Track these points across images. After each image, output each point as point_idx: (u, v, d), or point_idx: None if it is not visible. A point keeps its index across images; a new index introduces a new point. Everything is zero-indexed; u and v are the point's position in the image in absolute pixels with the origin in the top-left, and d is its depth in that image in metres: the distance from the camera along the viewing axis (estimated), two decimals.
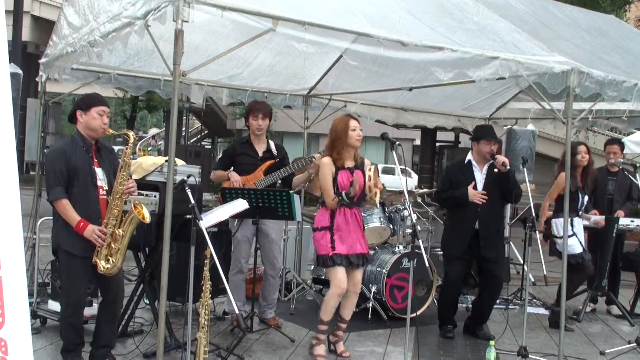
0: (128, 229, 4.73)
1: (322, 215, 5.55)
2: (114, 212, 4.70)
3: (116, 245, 4.69)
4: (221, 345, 5.54)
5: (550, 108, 5.69)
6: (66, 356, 4.88)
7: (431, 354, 6.01)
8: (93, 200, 4.74)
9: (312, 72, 7.94)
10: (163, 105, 31.01)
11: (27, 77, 6.86)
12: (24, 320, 3.40)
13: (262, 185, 6.29)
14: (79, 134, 4.82)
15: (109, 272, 4.70)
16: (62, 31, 5.96)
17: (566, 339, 6.03)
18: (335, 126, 5.52)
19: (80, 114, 4.79)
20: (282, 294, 7.65)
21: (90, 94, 5.05)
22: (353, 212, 5.53)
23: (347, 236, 5.47)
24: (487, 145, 6.30)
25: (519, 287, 8.49)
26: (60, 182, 4.63)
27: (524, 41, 5.52)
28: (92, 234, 4.60)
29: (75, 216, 4.61)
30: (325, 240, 5.46)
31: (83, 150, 4.76)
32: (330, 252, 5.42)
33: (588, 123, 9.14)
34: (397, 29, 4.94)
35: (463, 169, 6.44)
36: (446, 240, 6.69)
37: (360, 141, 5.53)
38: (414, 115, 9.13)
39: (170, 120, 4.38)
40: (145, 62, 6.85)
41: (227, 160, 6.53)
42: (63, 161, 4.65)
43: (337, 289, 5.48)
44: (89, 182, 4.73)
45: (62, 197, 4.62)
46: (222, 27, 5.61)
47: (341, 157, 5.47)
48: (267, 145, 6.50)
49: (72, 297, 4.76)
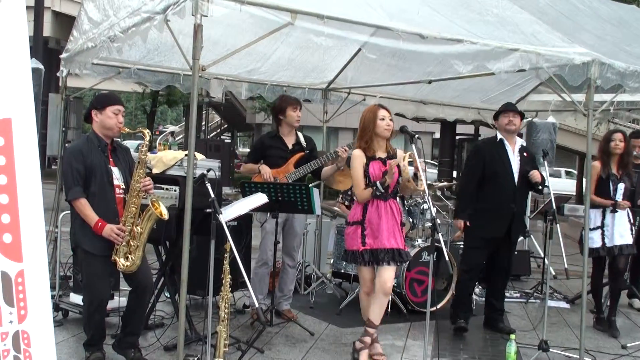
0: (146, 226, 4.76)
1: (355, 209, 5.41)
2: (131, 209, 4.73)
3: (135, 242, 4.73)
4: (241, 339, 5.57)
5: (571, 100, 5.64)
6: (88, 349, 4.92)
7: (451, 347, 6.00)
8: (110, 199, 4.78)
9: (331, 66, 7.93)
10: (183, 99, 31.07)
11: (48, 72, 6.90)
12: (46, 313, 3.43)
13: (293, 178, 6.32)
14: (94, 134, 4.85)
15: (129, 269, 4.74)
16: (82, 26, 6.00)
17: (587, 332, 5.99)
18: (364, 116, 5.40)
19: (95, 113, 4.81)
20: (301, 287, 7.68)
21: (105, 93, 5.08)
22: (388, 204, 5.31)
23: (379, 230, 5.26)
24: (504, 117, 6.29)
25: (539, 281, 8.44)
26: (78, 181, 4.66)
27: (544, 32, 5.48)
28: (111, 233, 4.64)
29: (94, 216, 4.65)
30: (356, 235, 5.31)
31: (98, 150, 4.79)
32: (361, 247, 5.26)
33: (609, 115, 9.04)
34: (416, 22, 4.93)
35: (497, 148, 6.31)
36: (482, 223, 6.27)
37: (390, 131, 5.35)
38: (433, 108, 9.09)
39: (190, 114, 4.39)
40: (165, 57, 6.88)
41: (258, 154, 6.55)
42: (80, 161, 4.69)
43: (363, 288, 5.47)
44: (105, 181, 4.76)
45: (81, 197, 4.66)
46: (241, 21, 5.62)
47: (371, 147, 5.34)
48: (296, 138, 6.52)
49: (94, 294, 4.79)
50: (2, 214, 3.23)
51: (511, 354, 5.32)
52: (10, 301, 3.25)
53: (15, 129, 3.29)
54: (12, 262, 3.26)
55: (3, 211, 3.24)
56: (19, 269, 3.28)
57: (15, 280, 3.26)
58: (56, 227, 6.71)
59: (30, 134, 3.38)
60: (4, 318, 3.23)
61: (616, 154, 6.71)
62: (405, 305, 6.92)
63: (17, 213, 3.29)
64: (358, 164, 5.32)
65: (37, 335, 3.35)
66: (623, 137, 6.73)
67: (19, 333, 3.28)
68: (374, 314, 5.34)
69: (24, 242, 3.30)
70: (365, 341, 5.36)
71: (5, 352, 3.23)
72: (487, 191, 6.33)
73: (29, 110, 3.38)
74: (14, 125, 3.29)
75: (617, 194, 6.69)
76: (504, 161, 6.23)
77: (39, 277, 3.37)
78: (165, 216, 4.77)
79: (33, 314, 3.33)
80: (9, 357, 3.24)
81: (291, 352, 5.59)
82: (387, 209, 5.31)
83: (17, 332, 3.27)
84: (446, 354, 5.79)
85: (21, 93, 3.35)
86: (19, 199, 3.29)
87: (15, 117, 3.30)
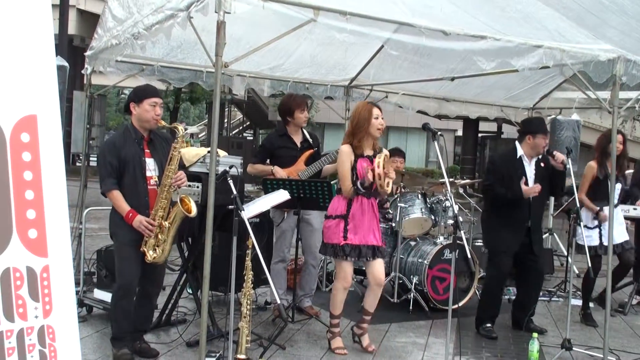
0: (175, 221, 4.82)
1: (338, 202, 5.43)
2: (161, 204, 4.79)
3: (163, 236, 4.79)
4: (263, 335, 5.59)
5: (596, 97, 5.59)
6: (116, 344, 4.96)
7: (473, 345, 5.97)
8: (142, 191, 4.85)
9: (353, 63, 7.93)
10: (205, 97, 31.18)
11: (73, 69, 6.97)
12: (71, 308, 3.46)
13: (306, 175, 6.32)
14: (132, 126, 4.94)
15: (157, 260, 4.83)
16: (106, 24, 6.05)
17: (611, 331, 5.93)
18: (358, 113, 5.40)
19: (133, 106, 4.89)
20: (323, 284, 7.68)
21: (143, 85, 5.12)
22: (370, 201, 5.40)
23: (361, 226, 5.34)
24: (544, 139, 6.11)
25: (562, 280, 8.38)
26: (110, 174, 4.77)
27: (569, 29, 5.43)
28: (140, 225, 4.73)
29: (125, 206, 4.76)
30: (338, 229, 5.34)
31: (134, 142, 4.87)
32: (342, 241, 5.31)
33: (635, 112, 8.96)
34: (439, 18, 4.91)
35: (515, 165, 6.16)
36: (498, 239, 6.28)
37: (382, 131, 5.41)
38: (456, 105, 9.05)
39: (213, 111, 4.41)
40: (188, 54, 6.92)
41: (267, 153, 6.53)
42: (114, 154, 4.79)
43: (342, 282, 5.47)
44: (137, 174, 4.84)
45: (113, 189, 4.77)
46: (264, 18, 5.62)
47: (361, 145, 5.36)
48: (303, 136, 6.53)
49: (124, 278, 4.86)
50: (28, 209, 3.26)
51: (534, 352, 5.29)
52: (36, 296, 3.28)
53: (41, 126, 3.32)
54: (37, 258, 3.29)
55: (28, 207, 3.27)
56: (44, 264, 3.31)
57: (41, 276, 3.29)
58: (80, 223, 6.77)
59: (56, 130, 3.40)
60: (30, 313, 3.26)
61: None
62: (427, 303, 6.90)
63: (42, 209, 3.31)
64: (346, 159, 5.37)
65: (62, 330, 3.38)
66: (623, 139, 6.71)
67: (44, 328, 3.31)
68: (370, 304, 5.55)
69: (49, 237, 3.33)
70: (364, 327, 5.65)
71: (31, 347, 3.26)
72: (500, 207, 6.27)
73: (55, 107, 3.41)
74: (39, 121, 3.32)
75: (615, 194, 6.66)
76: (520, 178, 6.09)
77: (63, 273, 3.40)
78: (193, 213, 4.82)
79: (58, 309, 3.36)
80: (34, 351, 3.27)
81: (312, 348, 5.60)
82: (369, 206, 5.40)
83: (43, 326, 3.30)
84: (468, 352, 5.77)
85: (47, 90, 3.38)
86: (44, 195, 3.32)
87: (41, 114, 3.33)
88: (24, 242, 3.25)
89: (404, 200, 7.21)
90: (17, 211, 3.23)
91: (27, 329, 3.25)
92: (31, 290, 3.27)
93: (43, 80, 3.37)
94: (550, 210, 9.60)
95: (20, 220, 3.24)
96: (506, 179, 6.15)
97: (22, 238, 3.24)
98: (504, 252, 6.21)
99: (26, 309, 3.25)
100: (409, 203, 7.21)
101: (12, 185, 3.22)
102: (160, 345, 5.35)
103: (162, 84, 28.99)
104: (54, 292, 3.34)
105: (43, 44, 3.39)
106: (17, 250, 3.22)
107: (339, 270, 5.48)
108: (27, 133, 3.28)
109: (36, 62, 3.34)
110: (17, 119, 3.25)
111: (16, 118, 3.25)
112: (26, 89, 3.30)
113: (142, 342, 5.14)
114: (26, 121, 3.28)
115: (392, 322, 6.43)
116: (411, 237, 7.36)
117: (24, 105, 3.28)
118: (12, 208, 3.21)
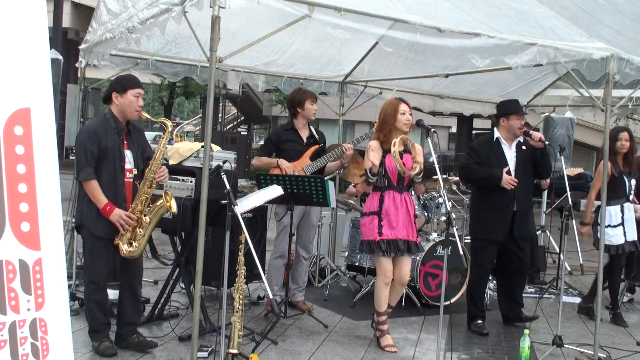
0: (155, 216, 4.79)
1: (371, 199, 5.49)
2: (142, 198, 4.75)
3: (141, 231, 4.76)
4: (255, 330, 5.59)
5: (589, 95, 5.61)
6: (94, 337, 4.92)
7: (464, 342, 6.00)
8: (120, 183, 4.79)
9: (347, 59, 7.93)
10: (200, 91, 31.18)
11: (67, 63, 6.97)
12: (63, 301, 3.47)
13: (310, 170, 6.33)
14: (111, 115, 4.85)
15: (131, 255, 4.78)
16: (101, 17, 6.04)
17: (602, 329, 5.96)
18: (384, 109, 5.46)
19: (116, 96, 4.82)
20: (315, 280, 7.69)
21: (126, 75, 5.08)
22: (403, 197, 5.42)
23: (395, 221, 5.37)
24: (518, 120, 6.09)
25: (554, 276, 8.41)
26: (90, 162, 4.68)
27: (563, 27, 5.45)
28: (119, 218, 4.67)
29: (103, 198, 4.67)
30: (372, 225, 5.39)
31: (114, 132, 4.80)
32: (377, 237, 5.35)
33: (628, 111, 9.00)
34: (434, 15, 4.92)
35: (492, 147, 6.19)
36: (484, 225, 6.24)
37: (410, 126, 5.42)
38: (450, 102, 9.07)
39: (207, 106, 4.41)
40: (182, 49, 6.91)
41: (273, 147, 6.53)
42: (95, 142, 4.70)
43: (383, 279, 5.47)
44: (117, 166, 4.78)
45: (92, 178, 4.67)
46: (259, 13, 5.62)
47: (388, 140, 5.36)
48: (310, 131, 6.53)
49: (94, 275, 4.81)
50: (21, 202, 3.26)
51: (525, 348, 5.31)
52: (28, 289, 3.28)
53: (34, 119, 3.32)
54: (30, 251, 3.29)
55: (22, 200, 3.27)
56: (37, 257, 3.31)
57: (33, 269, 3.29)
58: (73, 217, 6.75)
59: (49, 123, 3.41)
60: (22, 306, 3.26)
61: (621, 153, 6.68)
62: (419, 299, 6.92)
63: (35, 202, 3.32)
64: (369, 153, 5.39)
65: (54, 324, 3.38)
66: (629, 135, 6.71)
67: (36, 321, 3.31)
68: (392, 299, 5.60)
69: (41, 230, 3.33)
70: (384, 329, 5.58)
71: (23, 340, 3.26)
72: (483, 192, 6.28)
73: (48, 100, 3.41)
74: (32, 114, 3.32)
75: (631, 190, 6.69)
76: (500, 161, 6.10)
77: (56, 266, 3.40)
78: (174, 210, 4.79)
79: (50, 302, 3.36)
80: (26, 344, 3.28)
81: (305, 344, 5.61)
82: (402, 201, 5.42)
83: (35, 319, 3.31)
84: (459, 348, 5.78)
85: (40, 83, 3.38)
86: (37, 188, 3.32)
87: (34, 107, 3.33)
88: (17, 235, 3.25)
89: None
90: (10, 204, 3.23)
91: (19, 321, 3.25)
92: (23, 283, 3.27)
93: (37, 73, 3.37)
94: (542, 208, 9.63)
95: (13, 213, 3.24)
96: (484, 161, 6.16)
97: (15, 231, 3.25)
98: (488, 240, 6.19)
99: (18, 302, 3.25)
100: None
101: (5, 178, 3.22)
102: (153, 339, 5.33)
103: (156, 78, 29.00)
104: (46, 285, 3.34)
105: (37, 37, 3.38)
106: (9, 243, 3.22)
107: (378, 267, 5.50)
108: (21, 126, 3.28)
109: (30, 55, 3.34)
110: (11, 112, 3.25)
111: (10, 111, 3.25)
112: (20, 81, 3.30)
113: (138, 336, 5.11)
114: (20, 114, 3.28)
115: None
116: None
117: (17, 98, 3.28)
118: (5, 201, 3.21)
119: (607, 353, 5.71)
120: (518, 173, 6.10)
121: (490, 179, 6.07)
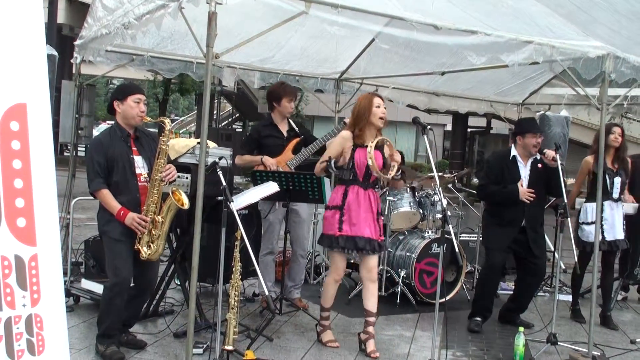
0: (167, 215, 4.80)
1: (335, 193, 5.39)
2: (153, 199, 4.76)
3: (156, 231, 4.76)
4: (250, 326, 5.60)
5: (585, 94, 5.62)
6: (102, 341, 4.86)
7: (459, 339, 6.01)
8: (133, 188, 4.80)
9: (343, 56, 7.92)
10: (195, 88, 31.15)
11: (62, 59, 6.93)
12: (59, 298, 3.46)
13: (295, 164, 6.32)
14: (117, 124, 4.89)
15: (151, 257, 4.79)
16: (96, 13, 6.01)
17: (596, 327, 5.99)
18: (359, 103, 5.37)
19: (117, 104, 4.84)
20: (311, 277, 7.69)
21: (126, 83, 5.11)
22: (367, 193, 5.31)
23: (356, 218, 5.25)
24: (533, 138, 6.09)
25: (549, 274, 8.42)
26: (98, 173, 4.71)
27: (559, 25, 5.45)
28: (133, 222, 4.69)
29: (116, 204, 4.70)
30: (334, 219, 5.28)
31: (121, 140, 4.82)
32: (337, 232, 5.25)
33: (623, 109, 9.01)
34: (430, 12, 4.91)
35: (508, 165, 6.20)
36: (491, 236, 6.36)
37: (384, 121, 5.32)
38: (445, 100, 9.06)
39: (203, 102, 4.41)
40: (178, 45, 6.89)
41: (254, 144, 6.51)
42: (101, 153, 4.74)
43: (334, 275, 5.47)
44: (127, 171, 4.79)
45: (102, 188, 4.71)
46: (255, 9, 5.62)
47: (362, 135, 5.30)
48: (289, 124, 6.53)
49: (119, 276, 4.74)
50: (17, 198, 3.26)
51: (520, 346, 5.33)
52: (24, 285, 3.28)
53: (30, 114, 3.31)
54: (26, 246, 3.29)
55: (17, 195, 3.26)
56: (33, 252, 3.30)
57: (29, 264, 3.29)
58: (68, 213, 6.75)
59: (45, 119, 3.40)
60: (17, 301, 3.26)
61: (613, 147, 6.65)
62: (414, 296, 6.94)
63: (31, 198, 3.31)
64: (337, 141, 5.36)
65: (50, 319, 3.38)
66: (621, 131, 6.70)
67: (32, 317, 3.31)
68: (371, 303, 5.38)
69: (37, 226, 3.32)
70: (370, 332, 5.41)
71: (19, 335, 3.26)
72: (496, 207, 6.35)
73: (44, 95, 3.40)
74: (29, 110, 3.31)
75: (614, 188, 6.65)
76: (514, 179, 6.12)
77: (52, 262, 3.39)
78: (185, 205, 4.79)
79: (46, 298, 3.36)
80: (22, 340, 3.27)
81: (300, 340, 5.62)
82: (366, 198, 5.30)
83: (30, 315, 3.30)
84: (454, 345, 5.80)
85: (36, 78, 3.37)
86: (33, 184, 3.31)
87: (30, 102, 3.32)
88: (13, 231, 3.25)
89: (393, 194, 7.24)
90: (5, 199, 3.22)
91: (15, 317, 3.25)
92: (19, 278, 3.26)
93: (33, 69, 3.36)
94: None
95: (9, 209, 3.24)
96: (499, 179, 6.19)
97: (11, 226, 3.24)
98: (496, 249, 6.24)
99: (14, 298, 3.25)
100: (397, 196, 7.24)
101: (1, 174, 3.21)
102: (148, 336, 5.35)
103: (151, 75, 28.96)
104: (42, 281, 3.34)
105: (33, 32, 3.37)
106: (5, 238, 3.22)
107: (332, 262, 5.48)
108: (17, 121, 3.27)
109: (26, 50, 3.34)
110: (7, 107, 3.24)
111: (5, 106, 3.24)
112: (16, 77, 3.29)
113: (128, 335, 5.13)
114: (15, 109, 3.27)
115: (380, 315, 6.41)
116: (399, 230, 7.38)
117: (13, 93, 3.27)
118: (0, 196, 3.21)
119: (601, 351, 5.72)
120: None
121: (510, 196, 6.10)
